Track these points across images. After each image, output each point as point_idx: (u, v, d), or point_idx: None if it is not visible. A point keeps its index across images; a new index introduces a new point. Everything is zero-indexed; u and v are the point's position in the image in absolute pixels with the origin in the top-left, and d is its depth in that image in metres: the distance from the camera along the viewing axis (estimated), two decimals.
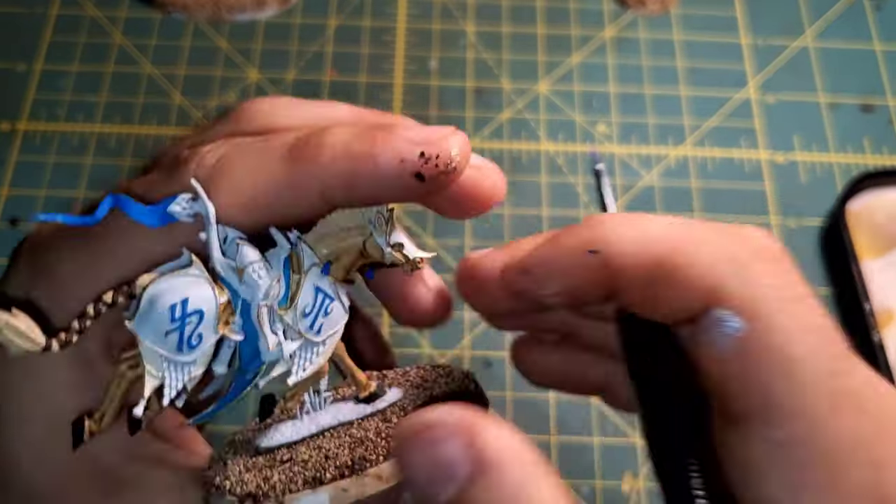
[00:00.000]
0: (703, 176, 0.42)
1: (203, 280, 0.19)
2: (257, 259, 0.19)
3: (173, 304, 0.18)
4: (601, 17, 0.47)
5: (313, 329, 0.20)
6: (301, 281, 0.19)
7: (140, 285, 0.19)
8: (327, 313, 0.20)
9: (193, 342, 0.19)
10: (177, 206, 0.19)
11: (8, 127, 0.42)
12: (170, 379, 0.19)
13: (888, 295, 0.38)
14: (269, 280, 0.19)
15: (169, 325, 0.18)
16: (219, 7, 0.45)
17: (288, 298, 0.20)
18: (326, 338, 0.20)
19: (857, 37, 0.46)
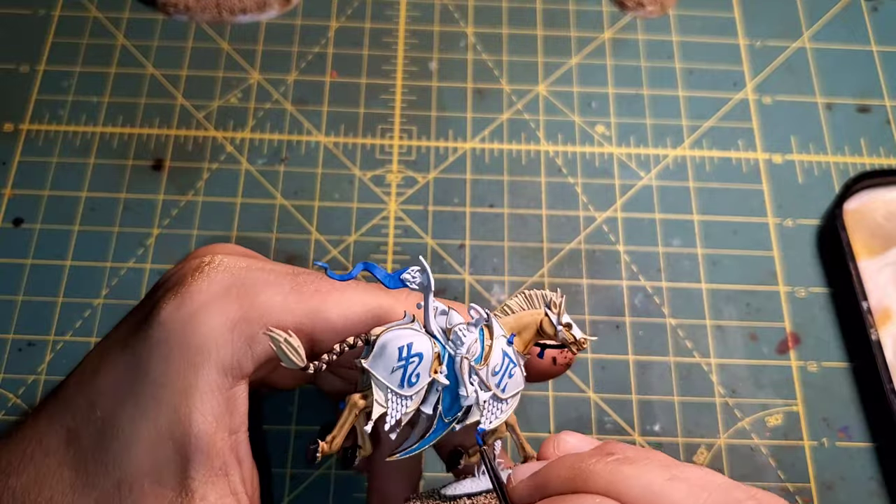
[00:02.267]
0: (701, 176, 0.43)
1: (422, 333, 0.24)
2: (462, 322, 0.25)
3: (401, 346, 0.24)
4: (600, 18, 0.47)
5: (500, 386, 0.25)
6: (493, 345, 0.25)
7: (374, 334, 0.24)
8: (511, 375, 0.25)
9: (413, 380, 0.24)
10: (408, 274, 0.24)
11: (11, 127, 0.42)
12: (392, 409, 0.24)
13: (885, 294, 0.39)
14: (471, 338, 0.25)
15: (396, 363, 0.24)
16: (220, 9, 0.45)
17: (482, 358, 0.25)
18: (510, 397, 0.25)
19: (853, 38, 0.47)
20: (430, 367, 0.24)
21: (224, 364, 0.24)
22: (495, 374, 0.25)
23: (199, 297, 0.24)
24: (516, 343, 0.26)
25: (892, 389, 0.36)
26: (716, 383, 0.38)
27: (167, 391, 0.24)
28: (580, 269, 0.40)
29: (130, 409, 0.24)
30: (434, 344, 0.24)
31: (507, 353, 0.25)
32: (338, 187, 0.42)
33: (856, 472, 0.36)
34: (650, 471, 0.22)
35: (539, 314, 0.26)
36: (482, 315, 0.25)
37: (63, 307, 0.38)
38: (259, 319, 0.24)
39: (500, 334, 0.25)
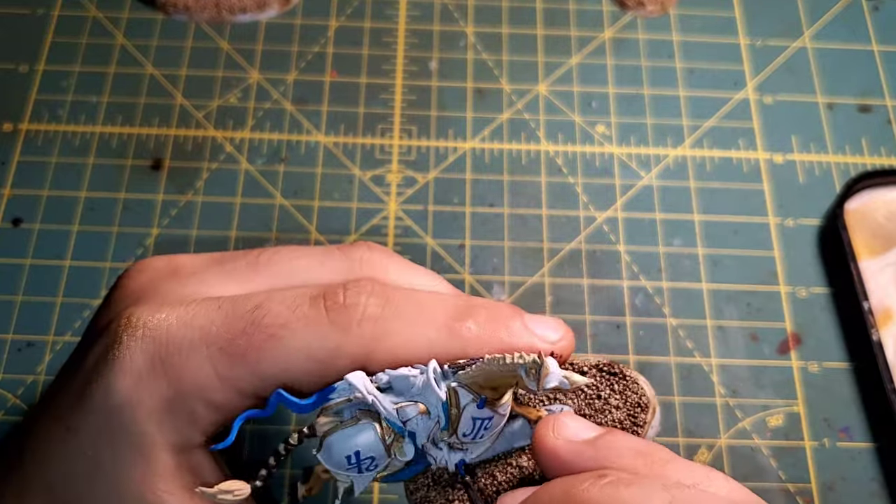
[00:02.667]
0: (702, 176, 0.43)
1: (371, 426, 0.22)
2: (416, 413, 0.22)
3: (348, 455, 0.22)
4: (600, 18, 0.47)
5: (475, 438, 0.23)
6: (459, 415, 0.22)
7: (319, 431, 0.22)
8: (487, 428, 0.22)
9: (371, 468, 0.22)
10: (335, 394, 0.22)
11: (10, 127, 0.42)
12: (356, 484, 0.23)
13: (887, 294, 0.39)
14: (430, 424, 0.22)
15: (347, 465, 0.22)
16: (220, 8, 0.45)
17: (449, 427, 0.22)
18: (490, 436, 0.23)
19: (854, 38, 0.47)
20: (386, 453, 0.22)
21: (172, 444, 0.23)
22: (466, 436, 0.22)
23: (126, 381, 0.22)
24: (490, 399, 0.22)
25: (893, 390, 0.36)
26: (716, 383, 0.38)
27: (127, 482, 0.22)
28: (580, 268, 0.40)
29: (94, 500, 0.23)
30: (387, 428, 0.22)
31: (477, 416, 0.22)
32: (337, 187, 0.42)
33: (857, 473, 0.36)
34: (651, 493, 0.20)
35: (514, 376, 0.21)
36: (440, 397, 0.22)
37: (62, 307, 0.38)
38: (193, 393, 0.22)
39: (467, 402, 0.22)
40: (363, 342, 0.22)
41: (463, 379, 0.22)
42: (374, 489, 0.35)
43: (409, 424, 0.22)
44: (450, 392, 0.22)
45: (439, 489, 0.25)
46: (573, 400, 0.25)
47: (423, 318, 0.23)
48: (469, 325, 0.22)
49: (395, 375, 0.22)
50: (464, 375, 0.21)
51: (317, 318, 0.22)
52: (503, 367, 0.21)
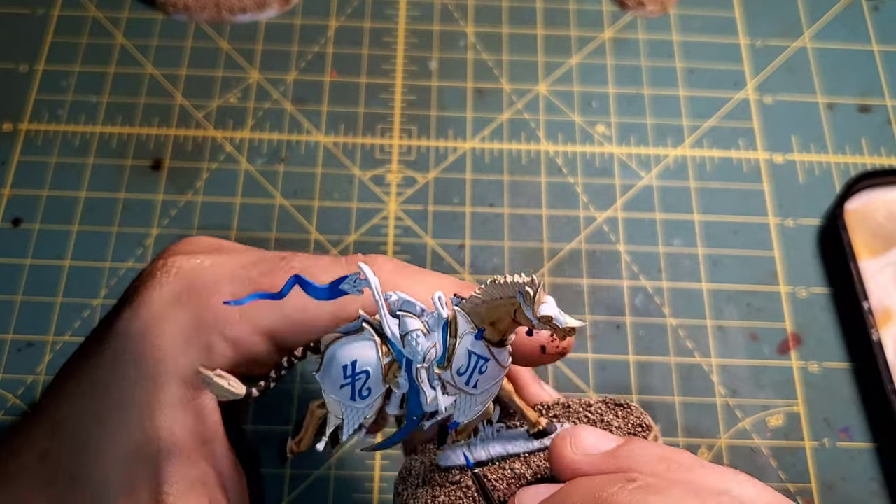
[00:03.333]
0: (702, 176, 0.43)
1: (370, 341, 0.22)
2: (417, 328, 0.22)
3: (345, 364, 0.22)
4: (600, 18, 0.47)
5: (469, 384, 0.23)
6: (457, 344, 0.22)
7: (324, 343, 0.23)
8: (482, 371, 0.23)
9: (364, 394, 0.23)
10: (348, 283, 0.22)
11: (10, 127, 0.42)
12: (347, 420, 0.23)
13: (887, 294, 0.39)
14: (426, 345, 0.22)
15: (343, 381, 0.22)
16: (220, 8, 0.45)
17: (445, 359, 0.22)
18: (483, 391, 0.23)
19: (854, 38, 0.47)
20: (382, 378, 0.23)
21: (184, 376, 0.23)
22: (461, 375, 0.22)
23: (152, 308, 0.24)
24: (490, 333, 0.22)
25: (892, 390, 0.36)
26: (717, 384, 0.38)
27: (132, 412, 0.23)
28: (581, 268, 0.40)
29: (98, 431, 0.23)
30: (387, 351, 0.23)
31: (474, 350, 0.22)
32: (337, 187, 0.42)
33: (857, 473, 0.36)
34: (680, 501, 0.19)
35: (512, 302, 0.22)
36: (441, 315, 0.23)
37: (62, 307, 0.38)
38: (214, 326, 0.23)
39: (465, 331, 0.22)
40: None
41: (465, 306, 0.22)
42: (373, 489, 0.35)
43: (406, 346, 0.22)
44: (451, 317, 0.22)
45: (427, 488, 0.25)
46: (574, 421, 0.26)
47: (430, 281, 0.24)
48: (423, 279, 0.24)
49: (403, 297, 0.23)
50: (466, 303, 0.23)
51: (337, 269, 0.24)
52: (503, 287, 0.21)
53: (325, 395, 0.23)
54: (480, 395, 0.23)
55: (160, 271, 0.24)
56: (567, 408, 0.26)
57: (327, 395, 0.23)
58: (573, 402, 0.26)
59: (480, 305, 0.22)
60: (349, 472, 0.35)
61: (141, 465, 0.23)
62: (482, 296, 0.22)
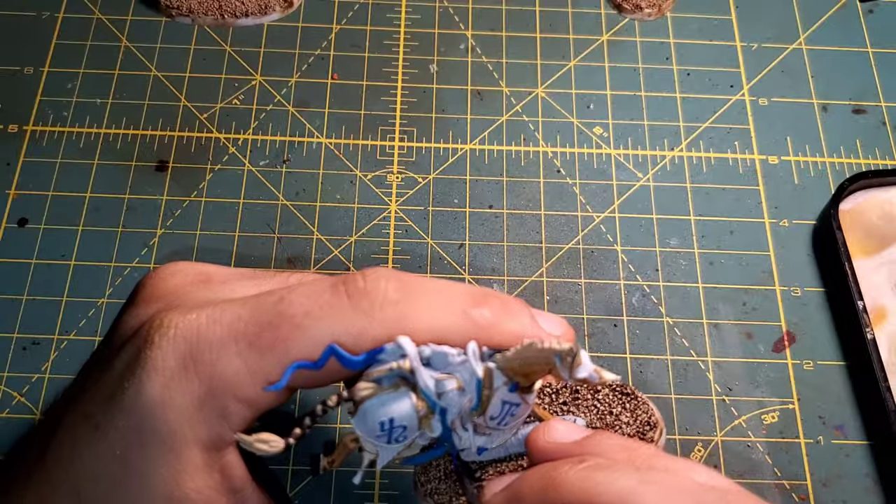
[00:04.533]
0: (698, 177, 0.43)
1: (406, 396, 0.22)
2: (453, 387, 0.22)
3: (382, 420, 0.22)
4: (598, 21, 0.48)
5: (500, 425, 0.23)
6: (490, 396, 0.23)
7: (358, 395, 0.22)
8: (513, 414, 0.23)
9: (399, 439, 0.23)
10: (385, 355, 0.22)
11: (15, 128, 0.43)
12: (381, 456, 0.23)
13: (881, 293, 0.39)
14: (462, 401, 0.23)
15: (379, 432, 0.23)
16: (223, 11, 0.46)
17: (479, 407, 0.23)
18: (513, 426, 0.24)
19: (849, 40, 0.47)
20: (417, 426, 0.23)
21: (203, 442, 0.23)
22: (493, 419, 0.23)
23: (157, 381, 0.23)
24: (522, 382, 0.23)
25: (887, 388, 0.36)
26: (712, 381, 0.38)
27: (156, 481, 0.23)
28: (578, 268, 0.41)
29: (121, 499, 0.23)
30: (422, 404, 0.23)
31: (508, 400, 0.23)
32: (339, 188, 0.42)
33: (851, 470, 0.37)
34: (622, 475, 0.21)
35: (549, 364, 0.22)
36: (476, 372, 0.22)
37: (67, 306, 0.39)
38: (226, 391, 0.22)
39: (499, 384, 0.23)
40: (386, 325, 0.22)
41: (500, 361, 0.22)
42: (374, 485, 0.36)
43: (442, 399, 0.22)
44: (486, 372, 0.22)
45: (450, 483, 0.26)
46: (585, 413, 0.26)
47: (440, 302, 0.23)
48: (483, 312, 0.23)
49: (436, 350, 0.22)
50: (501, 358, 0.22)
51: (339, 304, 0.23)
52: (540, 352, 0.22)
53: (360, 438, 0.23)
54: (510, 429, 0.24)
55: (157, 334, 0.23)
56: (575, 393, 0.27)
57: (363, 438, 0.23)
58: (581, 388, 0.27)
59: (514, 362, 0.22)
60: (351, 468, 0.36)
61: None
62: (517, 357, 0.22)
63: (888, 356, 0.38)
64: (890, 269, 0.40)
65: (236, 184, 0.42)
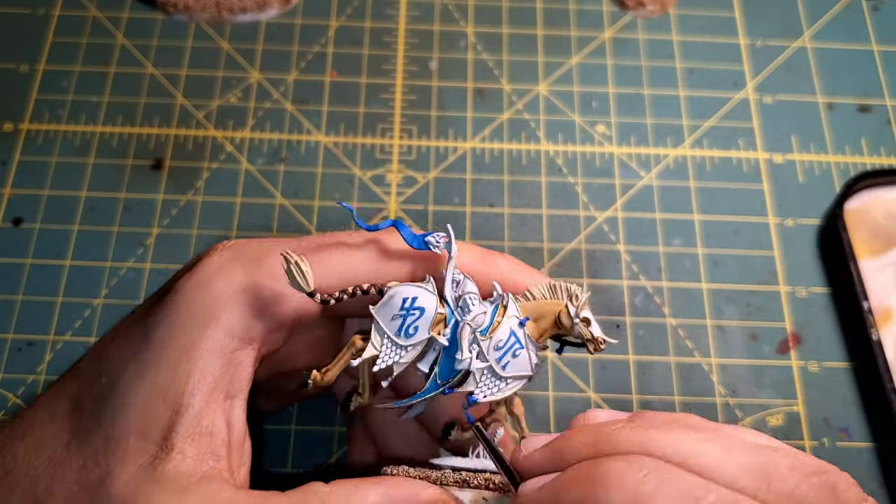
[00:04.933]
0: (702, 176, 0.43)
1: (432, 293, 0.25)
2: (475, 291, 0.26)
3: (405, 297, 0.25)
4: (600, 18, 0.47)
5: (500, 363, 0.25)
6: (502, 321, 0.25)
7: (390, 286, 0.25)
8: (515, 356, 0.25)
9: (410, 332, 0.25)
10: (433, 238, 0.26)
11: (10, 127, 0.42)
12: (384, 354, 0.25)
13: (886, 294, 0.39)
14: (479, 308, 0.25)
15: (397, 311, 0.25)
16: (220, 8, 0.45)
17: (488, 330, 0.25)
18: (510, 377, 0.25)
19: (854, 38, 0.47)
20: (431, 324, 0.25)
21: (230, 326, 0.24)
22: (497, 349, 0.25)
23: (209, 269, 0.25)
24: (530, 328, 0.25)
25: (893, 389, 0.36)
26: (716, 383, 0.38)
27: (169, 351, 0.24)
28: (580, 268, 0.40)
29: (132, 370, 0.24)
30: (442, 306, 0.25)
31: (516, 333, 0.25)
32: (338, 187, 0.42)
33: (857, 473, 0.36)
34: (679, 433, 0.21)
35: (559, 305, 0.25)
36: (499, 293, 0.26)
37: (63, 307, 0.38)
38: (265, 284, 0.25)
39: (513, 314, 0.25)
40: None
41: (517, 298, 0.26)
42: None
43: (460, 307, 0.25)
44: (505, 297, 0.25)
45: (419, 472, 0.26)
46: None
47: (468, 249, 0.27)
48: (498, 260, 0.27)
49: (469, 280, 0.26)
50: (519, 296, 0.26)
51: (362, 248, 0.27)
52: (557, 290, 0.25)
53: (373, 324, 0.25)
54: (504, 381, 0.25)
55: (214, 248, 0.26)
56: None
57: (376, 325, 0.25)
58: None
59: (531, 301, 0.26)
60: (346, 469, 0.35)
61: (162, 401, 0.24)
62: (535, 293, 0.26)
63: (894, 357, 0.37)
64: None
65: (234, 182, 0.42)
